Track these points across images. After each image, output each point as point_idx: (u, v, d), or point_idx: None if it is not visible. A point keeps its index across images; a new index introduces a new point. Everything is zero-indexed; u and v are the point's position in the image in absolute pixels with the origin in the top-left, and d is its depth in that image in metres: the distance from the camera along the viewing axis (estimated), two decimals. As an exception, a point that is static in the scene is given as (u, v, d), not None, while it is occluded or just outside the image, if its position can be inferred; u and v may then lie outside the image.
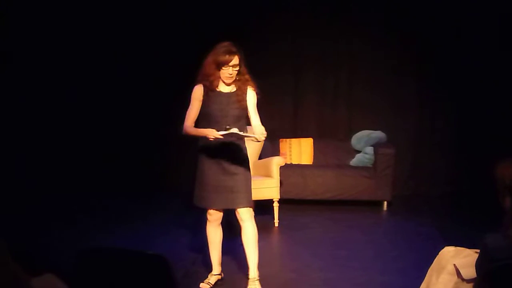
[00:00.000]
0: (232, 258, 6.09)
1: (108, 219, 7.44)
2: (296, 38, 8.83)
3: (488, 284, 3.37)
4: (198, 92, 4.98)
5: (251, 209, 5.14)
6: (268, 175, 7.38)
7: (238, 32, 8.83)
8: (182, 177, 9.21)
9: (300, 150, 8.55)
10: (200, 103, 4.98)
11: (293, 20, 9.02)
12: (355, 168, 8.45)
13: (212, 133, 4.78)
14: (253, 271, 5.18)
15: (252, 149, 7.74)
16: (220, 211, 5.16)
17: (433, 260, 4.39)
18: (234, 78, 4.94)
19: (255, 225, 5.18)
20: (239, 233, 5.27)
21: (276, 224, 7.32)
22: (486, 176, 8.89)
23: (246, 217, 5.12)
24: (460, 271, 4.07)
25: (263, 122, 4.97)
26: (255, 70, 5.07)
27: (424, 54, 8.99)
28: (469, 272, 4.02)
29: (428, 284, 4.35)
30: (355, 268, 5.80)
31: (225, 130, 4.81)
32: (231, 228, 7.11)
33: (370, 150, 8.53)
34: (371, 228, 7.41)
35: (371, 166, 8.43)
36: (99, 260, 3.10)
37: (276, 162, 7.39)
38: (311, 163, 8.66)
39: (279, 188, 7.34)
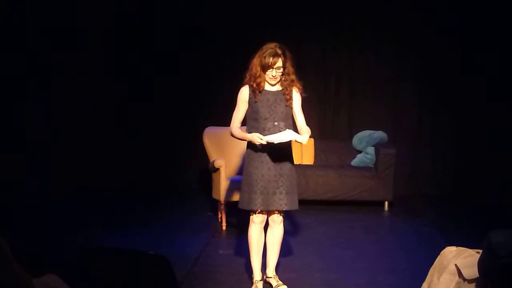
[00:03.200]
0: (234, 258, 6.10)
1: (111, 219, 7.43)
2: (298, 41, 8.83)
3: (492, 283, 3.37)
4: (244, 93, 5.03)
5: (283, 215, 5.17)
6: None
7: (241, 37, 8.87)
8: (186, 177, 9.24)
9: (301, 150, 8.54)
10: (247, 105, 5.02)
11: (296, 25, 9.02)
12: (357, 168, 8.44)
13: (258, 139, 4.80)
14: (272, 270, 5.24)
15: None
16: (265, 213, 5.11)
17: (435, 260, 4.40)
18: (278, 80, 4.98)
19: (283, 228, 5.23)
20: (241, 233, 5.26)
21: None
22: (487, 176, 8.98)
23: (279, 220, 5.15)
24: (462, 271, 4.08)
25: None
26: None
27: (424, 55, 8.99)
28: (471, 272, 4.02)
29: (430, 284, 4.35)
30: (356, 268, 5.80)
31: (273, 127, 4.90)
32: (233, 227, 7.13)
33: (371, 150, 8.53)
34: (372, 228, 7.41)
35: (372, 166, 8.43)
36: (101, 260, 3.10)
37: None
38: (313, 163, 8.66)
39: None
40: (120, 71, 9.09)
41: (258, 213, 5.08)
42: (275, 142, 4.83)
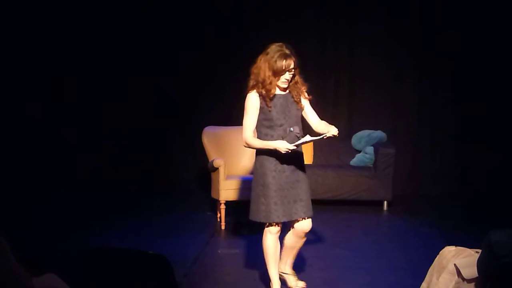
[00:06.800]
0: (233, 258, 6.10)
1: (110, 219, 7.43)
2: (297, 40, 8.84)
3: (492, 282, 3.38)
4: (255, 100, 4.74)
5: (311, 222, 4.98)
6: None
7: (240, 36, 8.88)
8: (185, 177, 9.23)
9: (300, 150, 8.54)
10: (258, 111, 4.75)
11: (294, 24, 9.01)
12: (356, 168, 8.44)
13: (285, 146, 4.59)
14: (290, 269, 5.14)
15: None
16: (281, 224, 4.91)
17: (434, 259, 4.40)
18: (289, 81, 4.77)
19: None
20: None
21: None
22: (486, 176, 8.98)
23: (308, 228, 4.95)
24: (461, 271, 4.08)
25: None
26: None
27: (424, 55, 8.99)
28: (470, 271, 4.03)
29: (429, 284, 4.36)
30: (355, 268, 5.80)
31: (290, 133, 4.72)
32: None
33: (370, 149, 8.53)
34: (371, 228, 7.41)
35: (371, 165, 8.43)
36: (100, 260, 3.10)
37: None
38: (311, 163, 8.66)
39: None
40: (120, 70, 9.07)
41: (276, 223, 4.88)
42: (304, 140, 4.66)
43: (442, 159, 9.10)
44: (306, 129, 5.05)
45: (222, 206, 7.15)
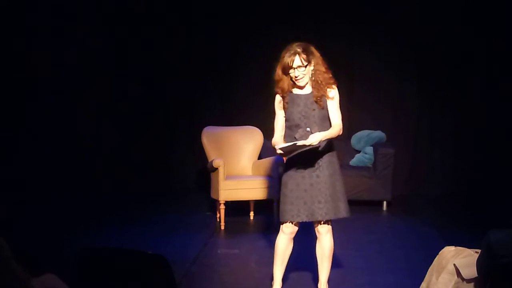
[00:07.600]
0: (232, 258, 6.09)
1: (109, 219, 7.43)
2: (296, 39, 8.81)
3: (491, 282, 3.38)
4: (277, 101, 4.85)
5: (329, 225, 4.92)
6: (268, 175, 7.37)
7: (239, 37, 8.88)
8: (184, 177, 9.23)
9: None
10: (283, 111, 4.82)
11: (294, 23, 8.99)
12: (355, 168, 8.44)
13: (278, 147, 4.62)
14: (324, 284, 5.01)
15: (252, 148, 7.74)
16: (297, 225, 4.87)
17: (433, 259, 4.40)
18: (304, 79, 4.76)
19: (332, 239, 4.97)
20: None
21: (276, 224, 7.31)
22: (485, 176, 8.96)
23: (324, 230, 4.92)
24: (460, 271, 4.08)
25: (259, 121, 4.92)
26: (256, 71, 5.06)
27: (424, 55, 8.98)
28: (470, 272, 4.03)
29: (428, 284, 4.36)
30: (355, 268, 5.80)
31: (306, 133, 4.67)
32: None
33: (370, 150, 8.53)
34: (371, 228, 7.40)
35: (371, 166, 8.42)
36: (100, 260, 3.10)
37: (276, 162, 7.36)
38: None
39: (279, 188, 7.31)
40: (119, 70, 9.08)
41: (289, 223, 4.85)
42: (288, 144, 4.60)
43: (442, 159, 9.10)
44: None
45: (222, 206, 7.15)
